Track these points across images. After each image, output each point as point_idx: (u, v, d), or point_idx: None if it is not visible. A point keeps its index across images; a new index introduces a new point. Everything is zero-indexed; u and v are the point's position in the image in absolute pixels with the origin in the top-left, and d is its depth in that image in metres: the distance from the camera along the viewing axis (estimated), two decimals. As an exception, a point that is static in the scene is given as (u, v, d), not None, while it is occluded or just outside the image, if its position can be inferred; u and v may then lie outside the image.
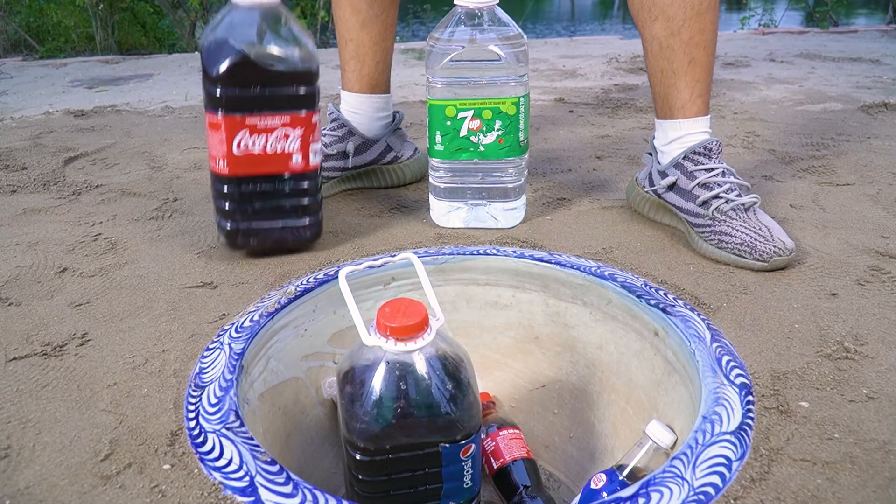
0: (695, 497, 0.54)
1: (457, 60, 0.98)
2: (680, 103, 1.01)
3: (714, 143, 1.00)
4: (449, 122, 1.01)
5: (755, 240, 0.93)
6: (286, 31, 0.87)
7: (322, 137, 1.19)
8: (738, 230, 0.94)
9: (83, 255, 1.00)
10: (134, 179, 1.33)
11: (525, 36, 1.01)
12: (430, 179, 1.08)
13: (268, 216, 0.94)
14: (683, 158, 1.01)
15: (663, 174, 1.04)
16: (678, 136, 1.03)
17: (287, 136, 0.89)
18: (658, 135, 1.07)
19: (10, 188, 1.27)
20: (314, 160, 0.93)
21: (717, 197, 0.98)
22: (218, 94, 0.86)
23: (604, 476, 0.72)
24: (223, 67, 0.84)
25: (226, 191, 0.91)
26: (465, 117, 1.00)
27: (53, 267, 0.96)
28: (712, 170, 1.00)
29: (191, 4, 3.59)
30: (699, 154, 1.00)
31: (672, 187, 1.03)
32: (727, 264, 0.94)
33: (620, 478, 0.71)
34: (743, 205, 0.97)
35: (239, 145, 0.88)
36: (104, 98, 2.07)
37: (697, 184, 0.99)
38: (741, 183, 1.00)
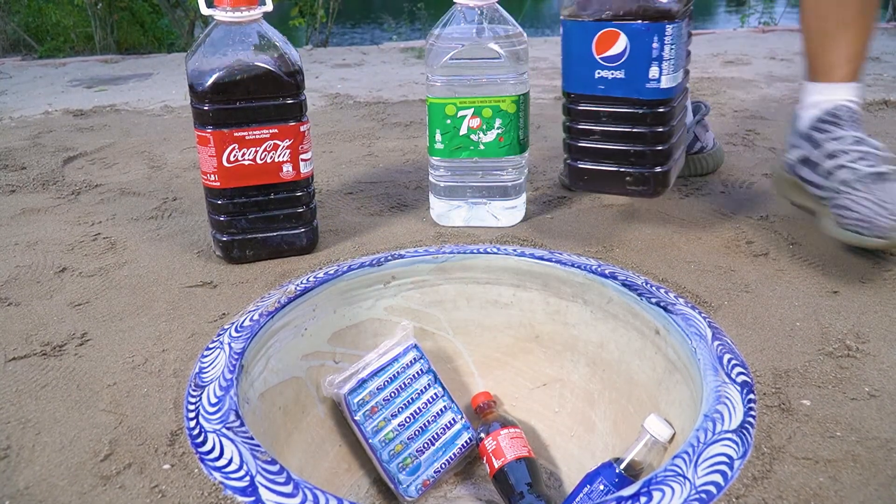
0: (696, 496, 0.54)
1: (457, 59, 0.98)
2: (826, 66, 0.94)
3: (843, 109, 0.92)
4: (449, 121, 1.01)
5: (878, 215, 0.81)
6: (270, 45, 0.89)
7: None
8: (860, 204, 0.83)
9: (82, 254, 1.00)
10: (133, 179, 1.33)
11: (525, 34, 1.01)
12: (430, 178, 1.08)
13: (263, 227, 0.95)
14: (811, 128, 0.94)
15: (794, 147, 0.97)
16: (817, 100, 0.95)
17: (276, 147, 0.91)
18: (801, 98, 1.00)
19: (9, 188, 1.27)
20: (305, 169, 0.94)
21: (842, 167, 0.88)
22: (205, 110, 0.88)
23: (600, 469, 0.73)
24: (209, 84, 0.86)
25: (219, 204, 0.93)
26: (465, 116, 1.00)
27: (53, 267, 0.96)
28: (840, 138, 0.90)
29: (190, 4, 3.59)
30: (826, 122, 0.93)
31: (804, 161, 0.95)
32: (853, 245, 0.85)
33: (618, 470, 0.72)
34: (873, 174, 0.85)
35: (229, 158, 0.90)
36: (103, 98, 2.07)
37: (823, 153, 0.91)
38: (880, 154, 0.88)
